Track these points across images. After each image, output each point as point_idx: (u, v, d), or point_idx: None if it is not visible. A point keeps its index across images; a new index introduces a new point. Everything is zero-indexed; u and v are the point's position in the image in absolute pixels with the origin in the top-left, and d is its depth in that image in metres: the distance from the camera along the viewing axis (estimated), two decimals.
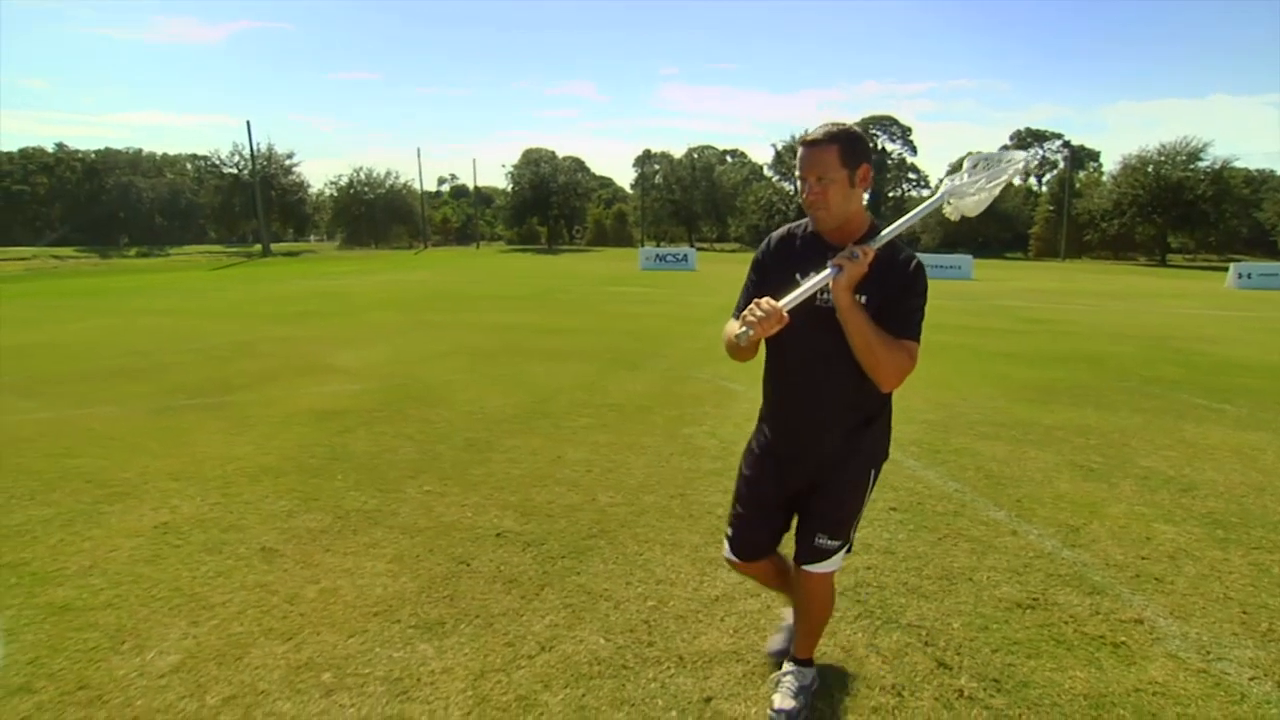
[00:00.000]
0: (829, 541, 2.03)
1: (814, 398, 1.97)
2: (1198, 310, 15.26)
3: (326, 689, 2.29)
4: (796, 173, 1.89)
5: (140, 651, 2.50)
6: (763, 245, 2.05)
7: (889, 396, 2.02)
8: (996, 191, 1.93)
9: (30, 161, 61.58)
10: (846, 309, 1.78)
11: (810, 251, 1.93)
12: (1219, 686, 2.29)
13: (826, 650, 2.48)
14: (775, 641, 2.45)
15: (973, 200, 1.93)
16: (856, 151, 1.82)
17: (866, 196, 1.93)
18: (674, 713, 2.17)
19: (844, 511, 2.05)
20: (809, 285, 1.80)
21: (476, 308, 13.95)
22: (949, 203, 1.96)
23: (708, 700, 2.23)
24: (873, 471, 2.06)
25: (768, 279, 1.98)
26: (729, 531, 2.20)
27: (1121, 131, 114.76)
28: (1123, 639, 2.55)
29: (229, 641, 2.56)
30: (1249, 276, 23.51)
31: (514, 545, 3.29)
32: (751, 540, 2.16)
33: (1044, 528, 3.52)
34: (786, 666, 2.26)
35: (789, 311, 1.80)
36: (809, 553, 2.06)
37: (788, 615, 2.44)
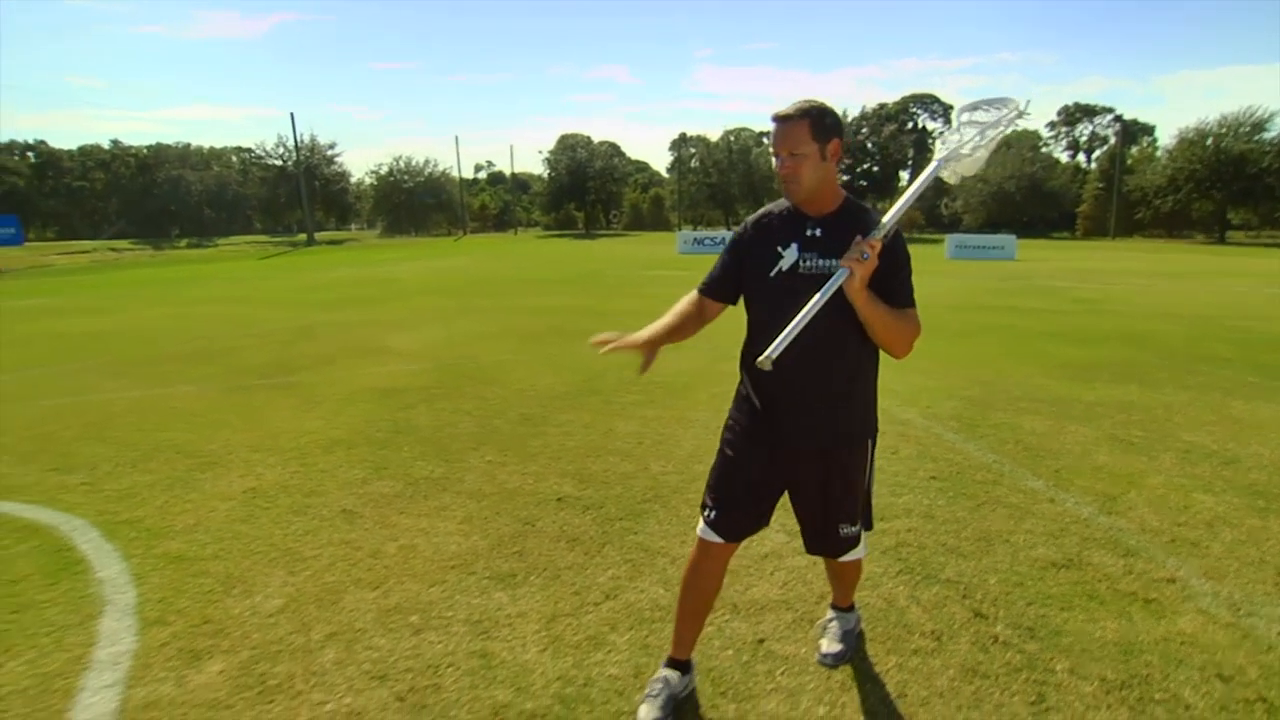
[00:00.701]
0: (850, 528, 2.13)
1: (812, 373, 1.95)
2: (1257, 289, 14.80)
3: (415, 629, 2.56)
4: (771, 146, 1.94)
5: (249, 595, 2.81)
6: (742, 225, 2.10)
7: (877, 364, 2.05)
8: (994, 145, 1.90)
9: (88, 158, 64.03)
10: (865, 305, 1.80)
11: (789, 224, 1.98)
12: (1247, 638, 2.42)
13: (869, 600, 2.68)
14: (650, 711, 2.06)
15: (969, 160, 1.91)
16: (826, 126, 1.86)
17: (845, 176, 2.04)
18: (730, 652, 2.39)
19: (856, 493, 2.10)
20: (822, 296, 1.76)
21: (521, 291, 14.29)
22: (947, 168, 1.94)
23: (760, 641, 2.44)
24: (870, 444, 2.10)
25: (747, 256, 2.03)
26: (711, 513, 2.08)
27: (1179, 103, 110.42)
28: (1154, 596, 2.69)
29: (324, 588, 2.86)
30: None
31: (574, 508, 3.55)
32: (738, 519, 2.08)
33: (1081, 496, 3.64)
34: (830, 614, 2.45)
35: (777, 285, 1.92)
36: (837, 545, 2.14)
37: (670, 679, 2.14)
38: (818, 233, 1.93)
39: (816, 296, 1.77)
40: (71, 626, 2.61)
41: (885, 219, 1.82)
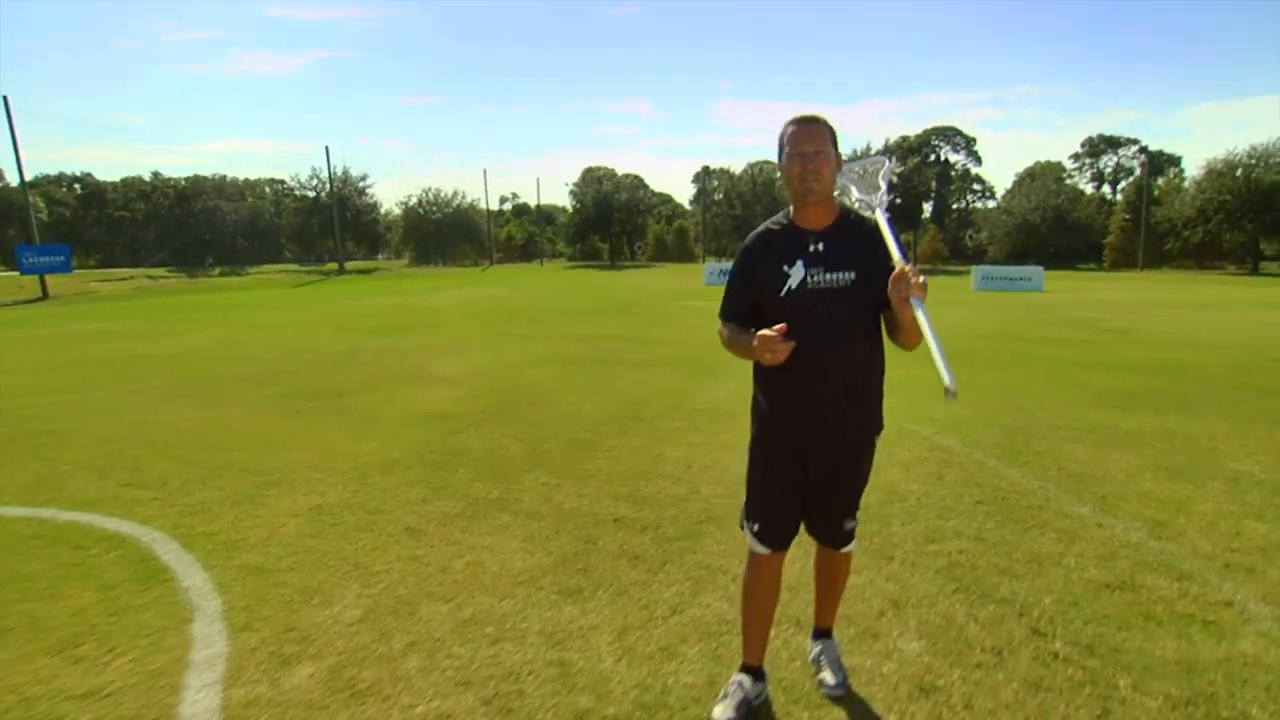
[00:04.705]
0: (852, 522, 2.27)
1: (828, 382, 2.04)
2: None
3: (492, 639, 2.68)
4: (787, 149, 2.03)
5: (328, 605, 2.95)
6: (744, 247, 2.17)
7: (884, 363, 2.15)
8: (883, 197, 2.16)
9: (130, 190, 66.46)
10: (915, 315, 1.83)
11: (790, 242, 2.07)
12: None
13: (928, 617, 2.75)
14: (724, 711, 2.17)
15: (882, 198, 2.16)
16: (836, 138, 2.04)
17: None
18: (798, 664, 2.48)
19: (860, 489, 2.23)
20: (922, 313, 1.80)
21: (557, 319, 14.57)
22: (873, 202, 2.16)
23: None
24: (876, 440, 2.21)
25: (755, 276, 2.11)
26: (755, 525, 2.19)
27: (1206, 134, 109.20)
28: (1212, 618, 2.73)
29: (399, 600, 2.99)
30: None
31: (632, 529, 3.66)
32: (783, 526, 2.18)
33: (1130, 522, 3.68)
34: (819, 644, 2.46)
35: (787, 303, 2.02)
36: (841, 537, 2.26)
37: (744, 682, 2.25)
38: (820, 247, 2.04)
39: (921, 318, 1.79)
40: (168, 629, 2.77)
41: (893, 248, 1.96)
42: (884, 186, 2.21)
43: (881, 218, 2.07)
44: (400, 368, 8.67)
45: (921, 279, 1.85)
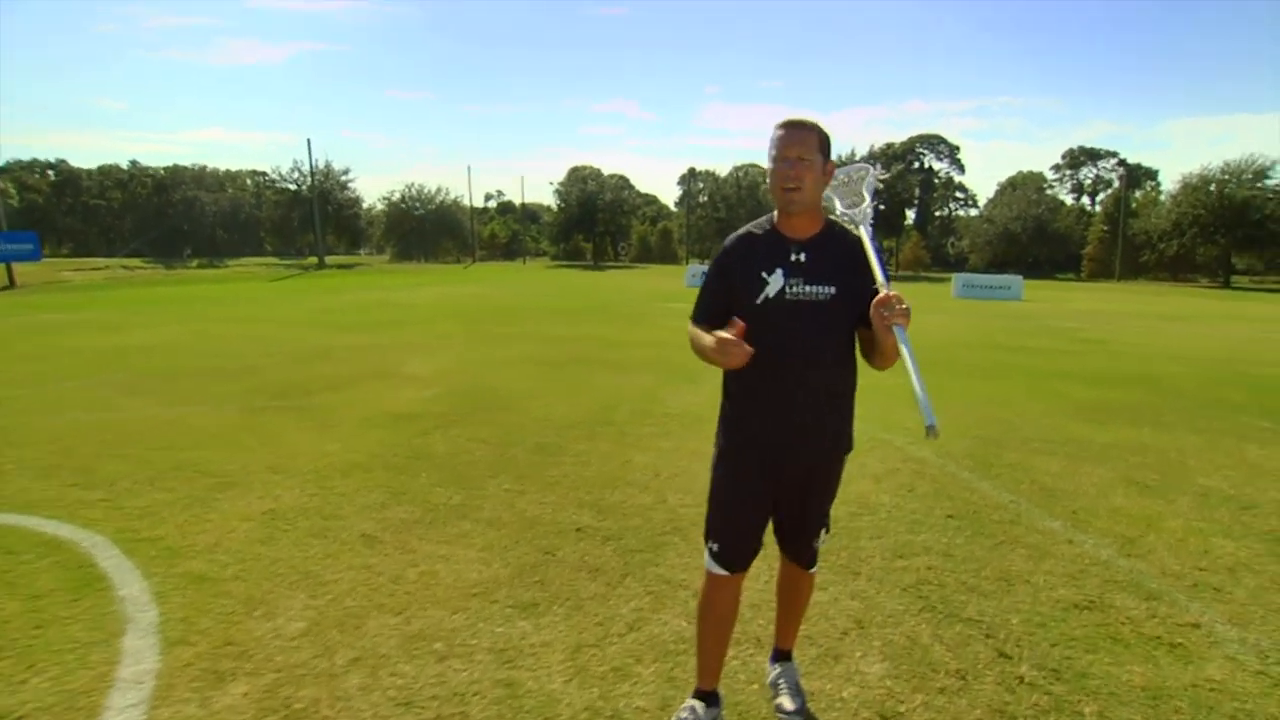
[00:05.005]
0: (822, 539, 2.18)
1: (805, 389, 1.96)
2: (1265, 334, 14.82)
3: (439, 655, 2.56)
4: (772, 153, 1.93)
5: (270, 617, 2.82)
6: (723, 248, 2.07)
7: (856, 382, 2.07)
8: (867, 210, 2.06)
9: (107, 178, 65.28)
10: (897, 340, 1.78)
11: (772, 249, 1.97)
12: (1278, 686, 2.41)
13: (892, 639, 2.67)
14: None
15: (866, 211, 2.06)
16: (827, 146, 1.92)
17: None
18: (755, 686, 2.38)
19: (830, 504, 2.16)
20: (905, 344, 1.73)
21: (534, 320, 14.41)
22: (858, 218, 2.05)
23: None
24: (845, 460, 2.13)
25: (732, 280, 2.01)
26: (715, 545, 2.08)
27: (1184, 148, 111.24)
28: (1179, 640, 2.67)
29: (346, 613, 2.86)
30: None
31: (594, 539, 3.55)
32: (744, 548, 2.08)
33: (1100, 538, 3.63)
34: (778, 667, 2.36)
35: (763, 312, 1.92)
36: (811, 556, 2.18)
37: (697, 709, 2.15)
38: (802, 258, 1.95)
39: (904, 350, 1.73)
40: (95, 644, 2.62)
41: (876, 270, 1.88)
42: (868, 197, 2.10)
43: (865, 234, 1.98)
44: (372, 365, 8.49)
45: (905, 305, 1.76)
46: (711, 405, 2.21)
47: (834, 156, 1.99)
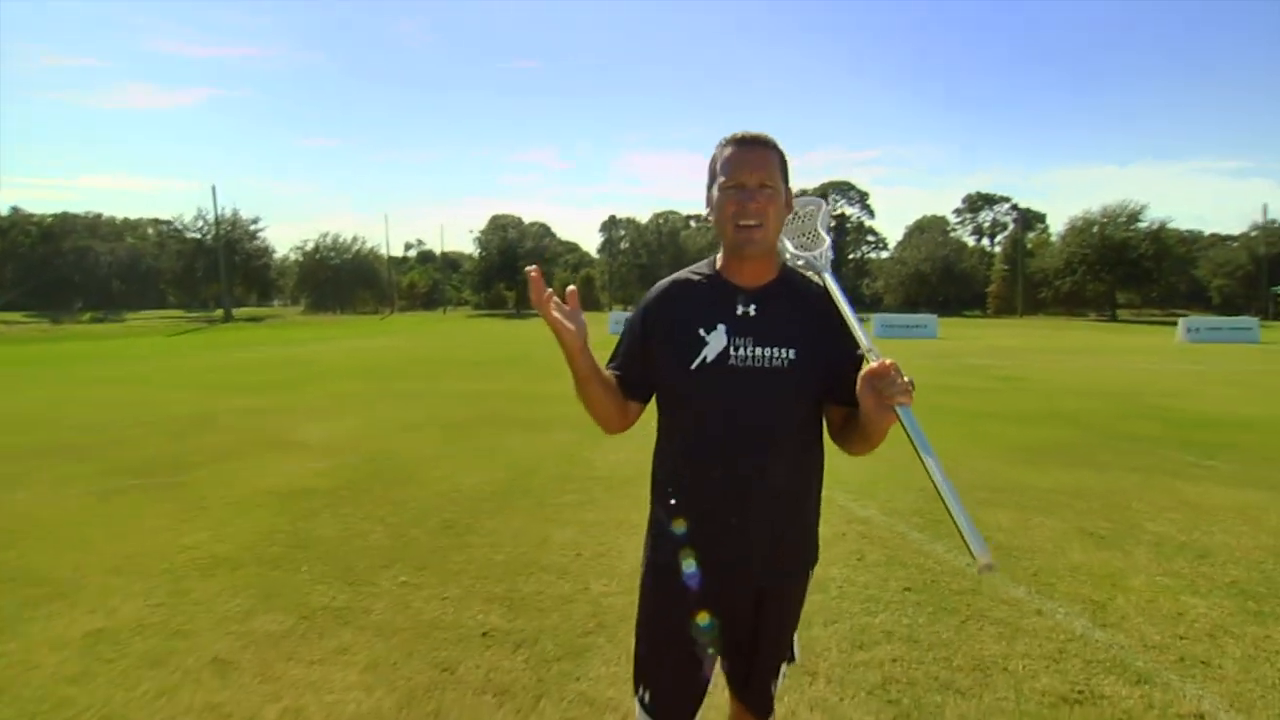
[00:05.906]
0: (783, 674, 1.68)
1: (755, 486, 1.50)
2: (1157, 365, 15.63)
3: None
4: (721, 179, 1.47)
5: None
6: (645, 300, 1.61)
7: (823, 475, 1.64)
8: (826, 253, 1.62)
9: None
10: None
11: (714, 299, 1.53)
12: None
13: None
14: None
15: (827, 253, 1.63)
16: (787, 171, 1.51)
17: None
18: None
19: (791, 634, 1.68)
20: (915, 434, 1.34)
21: (448, 374, 13.61)
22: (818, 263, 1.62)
23: None
24: (811, 572, 1.67)
25: (657, 339, 1.56)
26: (644, 693, 1.61)
27: (1065, 195, 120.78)
28: None
29: None
30: (1197, 331, 24.37)
31: (503, 646, 2.95)
32: (681, 699, 1.61)
33: (1069, 605, 3.31)
34: None
35: (700, 379, 1.48)
36: (767, 701, 1.66)
37: None
38: (751, 310, 1.50)
39: (917, 444, 1.32)
40: None
41: (855, 329, 1.47)
42: (827, 238, 1.65)
43: (832, 283, 1.53)
44: (260, 434, 7.58)
45: (907, 379, 1.33)
46: (640, 463, 1.70)
47: None
